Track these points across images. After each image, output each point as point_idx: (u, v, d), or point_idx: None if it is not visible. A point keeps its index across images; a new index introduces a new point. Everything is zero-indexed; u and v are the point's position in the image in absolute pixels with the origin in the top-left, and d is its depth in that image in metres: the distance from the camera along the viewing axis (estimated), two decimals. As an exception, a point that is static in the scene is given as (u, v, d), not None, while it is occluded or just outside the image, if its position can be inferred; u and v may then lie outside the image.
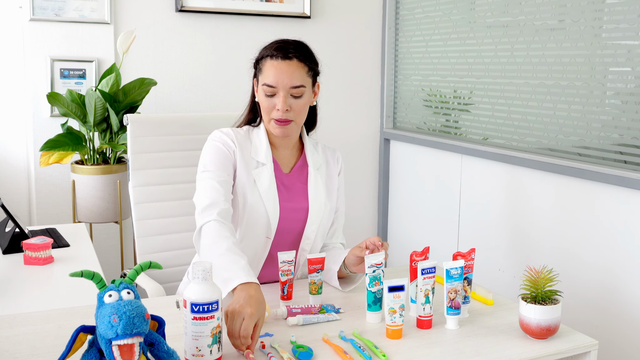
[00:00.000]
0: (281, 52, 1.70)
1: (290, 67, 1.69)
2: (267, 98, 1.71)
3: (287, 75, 1.68)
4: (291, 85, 1.69)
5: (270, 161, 1.76)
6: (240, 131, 1.80)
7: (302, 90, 1.71)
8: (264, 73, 1.71)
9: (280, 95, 1.68)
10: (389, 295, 1.39)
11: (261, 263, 1.76)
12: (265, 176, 1.74)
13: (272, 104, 1.70)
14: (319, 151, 1.87)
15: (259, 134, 1.79)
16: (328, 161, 1.88)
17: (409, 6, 3.38)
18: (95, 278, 1.13)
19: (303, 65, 1.72)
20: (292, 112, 1.71)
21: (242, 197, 1.72)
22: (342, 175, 1.90)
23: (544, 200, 2.51)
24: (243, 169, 1.73)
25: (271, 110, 1.71)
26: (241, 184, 1.72)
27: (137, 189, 2.07)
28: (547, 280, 1.42)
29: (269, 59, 1.71)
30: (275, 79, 1.68)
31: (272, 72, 1.69)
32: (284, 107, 1.68)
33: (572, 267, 2.37)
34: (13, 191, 2.92)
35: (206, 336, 1.22)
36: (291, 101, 1.70)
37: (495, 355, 1.34)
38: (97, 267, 1.91)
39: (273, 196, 1.73)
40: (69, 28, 2.88)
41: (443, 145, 3.05)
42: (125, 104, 2.69)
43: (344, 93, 3.51)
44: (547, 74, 2.51)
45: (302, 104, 1.72)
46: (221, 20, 3.17)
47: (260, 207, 1.72)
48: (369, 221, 3.67)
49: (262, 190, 1.72)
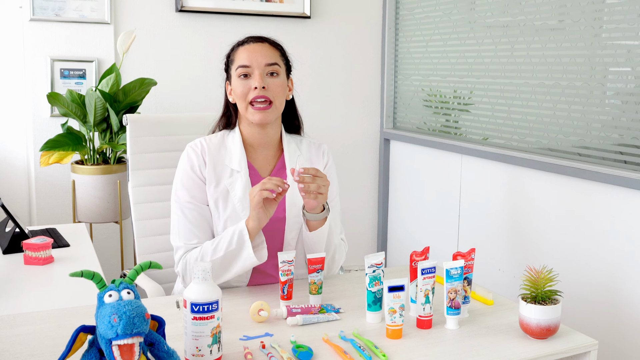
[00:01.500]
0: (252, 38, 1.72)
1: (263, 48, 1.70)
2: (242, 82, 1.68)
3: (261, 54, 1.68)
4: (266, 63, 1.68)
5: (244, 167, 1.71)
6: (213, 139, 1.76)
7: (277, 68, 1.69)
8: (237, 57, 1.70)
9: (256, 74, 1.67)
10: (389, 295, 1.39)
11: (249, 272, 1.72)
12: (239, 185, 1.70)
13: (248, 86, 1.67)
14: (303, 148, 1.81)
15: (234, 138, 1.75)
16: (312, 159, 1.82)
17: (409, 6, 3.38)
18: (95, 278, 1.13)
19: (275, 49, 1.73)
20: (270, 91, 1.67)
21: (215, 212, 1.69)
22: (329, 166, 1.83)
23: (544, 200, 2.51)
24: (214, 184, 1.70)
25: (247, 92, 1.67)
26: (214, 200, 1.69)
27: (136, 189, 2.07)
28: (547, 280, 1.42)
29: (240, 47, 1.72)
30: (249, 58, 1.67)
31: (245, 54, 1.69)
32: (260, 84, 1.65)
33: (572, 267, 2.37)
34: (13, 191, 2.92)
35: (206, 336, 1.22)
36: (268, 80, 1.68)
37: (495, 355, 1.34)
38: (97, 267, 1.91)
39: (248, 204, 1.67)
40: (69, 28, 2.88)
41: (443, 145, 3.05)
42: (125, 104, 2.69)
43: (344, 93, 3.51)
44: (547, 74, 2.51)
45: (279, 83, 1.70)
46: (221, 20, 3.17)
47: (236, 219, 1.68)
48: (369, 221, 3.67)
49: (236, 200, 1.69)
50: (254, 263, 1.60)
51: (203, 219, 1.70)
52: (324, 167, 1.83)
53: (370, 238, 3.69)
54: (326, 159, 1.84)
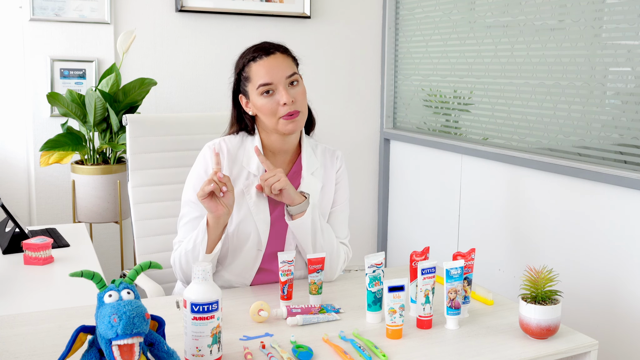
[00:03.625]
0: (262, 51, 1.68)
1: (277, 60, 1.68)
2: (266, 99, 1.66)
3: (279, 68, 1.66)
4: (286, 76, 1.67)
5: (262, 171, 1.72)
6: (233, 140, 1.76)
7: (297, 77, 1.69)
8: (255, 75, 1.67)
9: (280, 89, 1.65)
10: (389, 295, 1.39)
11: (253, 273, 1.73)
12: (255, 189, 1.71)
13: (275, 103, 1.66)
14: (318, 154, 1.82)
15: (254, 143, 1.74)
16: (326, 164, 1.82)
17: (409, 6, 3.38)
18: (95, 278, 1.13)
19: (287, 56, 1.71)
20: (297, 102, 1.68)
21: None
22: (341, 171, 1.85)
23: (544, 200, 2.51)
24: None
25: (276, 109, 1.66)
26: None
27: (136, 189, 2.07)
28: (547, 280, 1.42)
29: (253, 63, 1.68)
30: (270, 75, 1.65)
31: (263, 71, 1.66)
32: (289, 99, 1.64)
33: (572, 267, 2.37)
34: (13, 191, 2.92)
35: (206, 336, 1.22)
36: (292, 92, 1.67)
37: (495, 355, 1.34)
38: (97, 267, 1.91)
39: (263, 209, 1.70)
40: (69, 28, 2.88)
41: (443, 145, 3.05)
42: (125, 104, 2.69)
43: (344, 93, 3.51)
44: (547, 74, 2.51)
45: (302, 91, 1.70)
46: (221, 20, 3.17)
47: (250, 221, 1.69)
48: (369, 221, 3.67)
49: (251, 203, 1.70)
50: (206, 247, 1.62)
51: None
52: (337, 171, 1.84)
53: (370, 238, 3.69)
54: (339, 164, 1.86)
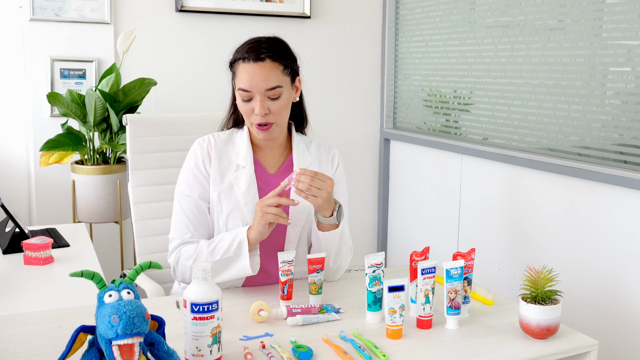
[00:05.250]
0: (253, 54, 1.65)
1: (263, 69, 1.64)
2: (244, 103, 1.66)
3: (261, 78, 1.63)
4: (266, 88, 1.64)
5: (250, 163, 1.72)
6: (222, 135, 1.78)
7: (279, 91, 1.65)
8: (238, 77, 1.67)
9: (257, 100, 1.64)
10: (389, 295, 1.39)
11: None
12: (243, 180, 1.71)
13: (250, 108, 1.66)
14: (312, 150, 1.81)
15: (242, 136, 1.76)
16: (320, 160, 1.81)
17: (409, 6, 3.38)
18: (95, 278, 1.13)
19: (277, 64, 1.66)
20: (272, 114, 1.66)
21: (218, 206, 1.71)
22: (339, 172, 1.84)
23: (544, 200, 2.51)
24: (219, 178, 1.71)
25: (250, 115, 1.67)
26: (217, 194, 1.71)
27: (136, 189, 2.07)
28: (547, 280, 1.42)
29: (242, 62, 1.66)
30: (250, 83, 1.64)
31: (246, 77, 1.64)
32: (261, 112, 1.64)
33: (572, 267, 2.37)
34: (13, 191, 2.92)
35: (206, 336, 1.22)
36: (269, 103, 1.65)
37: (495, 355, 1.34)
38: (97, 267, 1.91)
39: (252, 199, 1.70)
40: (69, 28, 2.88)
41: (443, 145, 3.05)
42: (125, 104, 2.69)
43: (344, 93, 3.51)
44: (547, 74, 2.51)
45: (281, 105, 1.67)
46: (221, 20, 3.17)
47: (240, 211, 1.70)
48: (369, 221, 3.67)
49: (239, 194, 1.70)
50: (247, 274, 1.63)
51: (199, 213, 1.72)
52: (334, 172, 1.83)
53: (370, 238, 3.69)
54: (336, 164, 1.85)
